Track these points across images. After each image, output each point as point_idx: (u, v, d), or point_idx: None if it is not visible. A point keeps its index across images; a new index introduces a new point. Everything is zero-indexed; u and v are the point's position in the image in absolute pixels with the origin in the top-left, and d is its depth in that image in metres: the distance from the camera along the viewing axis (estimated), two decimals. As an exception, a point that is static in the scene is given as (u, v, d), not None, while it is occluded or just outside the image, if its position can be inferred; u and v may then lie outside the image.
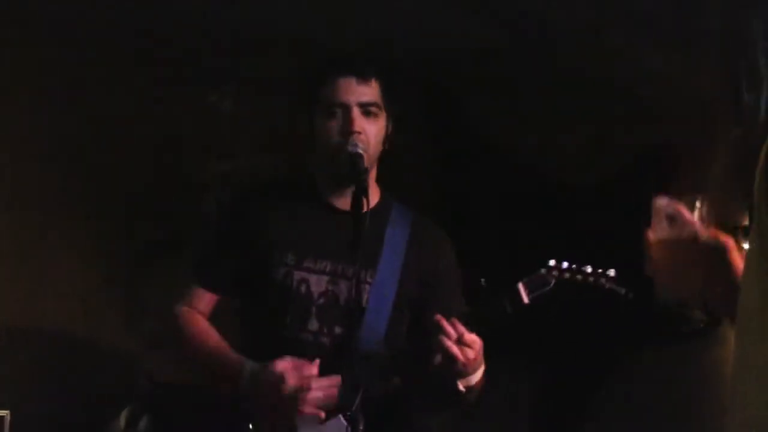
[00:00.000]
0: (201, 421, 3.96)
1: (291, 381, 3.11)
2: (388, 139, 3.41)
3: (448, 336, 3.06)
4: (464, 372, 3.14)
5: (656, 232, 2.36)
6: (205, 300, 3.43)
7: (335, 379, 3.13)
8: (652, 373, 4.84)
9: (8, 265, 4.66)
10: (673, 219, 2.35)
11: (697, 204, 2.36)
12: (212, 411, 3.40)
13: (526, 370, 4.70)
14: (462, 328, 3.07)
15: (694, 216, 2.35)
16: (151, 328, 4.71)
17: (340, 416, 3.15)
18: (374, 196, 3.38)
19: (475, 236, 3.52)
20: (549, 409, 4.94)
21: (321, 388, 3.12)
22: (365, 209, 3.07)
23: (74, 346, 4.75)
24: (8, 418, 4.11)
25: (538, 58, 4.69)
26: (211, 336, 3.38)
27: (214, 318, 3.51)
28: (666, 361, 4.82)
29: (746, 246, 4.63)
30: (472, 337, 3.08)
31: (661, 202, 2.37)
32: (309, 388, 3.10)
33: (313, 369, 3.14)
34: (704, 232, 2.33)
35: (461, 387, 3.15)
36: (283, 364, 3.15)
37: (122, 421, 4.53)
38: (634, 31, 4.63)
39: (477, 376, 3.18)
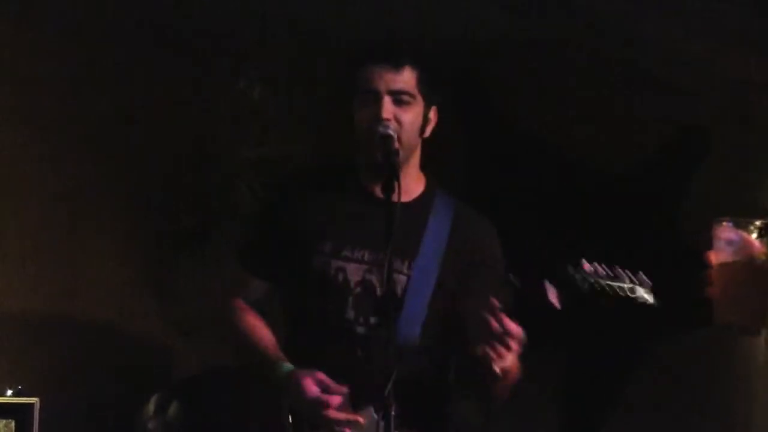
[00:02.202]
0: (233, 406, 3.99)
1: (314, 389, 3.14)
2: (428, 128, 3.35)
3: (495, 330, 3.00)
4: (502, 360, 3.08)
5: (717, 256, 2.34)
6: (259, 287, 3.43)
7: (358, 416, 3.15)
8: (681, 366, 4.81)
9: (40, 254, 4.68)
10: (732, 242, 2.33)
11: (757, 225, 2.33)
12: (246, 396, 3.38)
13: (552, 360, 4.67)
14: (508, 320, 3.00)
15: (753, 238, 2.33)
16: (187, 315, 4.78)
17: (371, 408, 3.14)
18: (418, 184, 3.37)
19: (509, 230, 3.46)
20: (576, 400, 4.93)
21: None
22: (397, 193, 3.03)
23: (104, 334, 4.74)
24: (38, 405, 4.10)
25: (575, 47, 4.65)
26: (259, 327, 3.39)
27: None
28: (685, 353, 4.78)
29: None
30: (516, 328, 3.01)
31: (722, 225, 2.35)
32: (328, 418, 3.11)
33: (336, 399, 3.14)
34: (764, 255, 2.31)
35: (497, 370, 3.10)
36: (310, 387, 3.15)
37: (151, 407, 4.56)
38: (668, 17, 4.59)
39: (511, 359, 3.09)
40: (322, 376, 3.16)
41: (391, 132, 3.17)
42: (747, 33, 4.63)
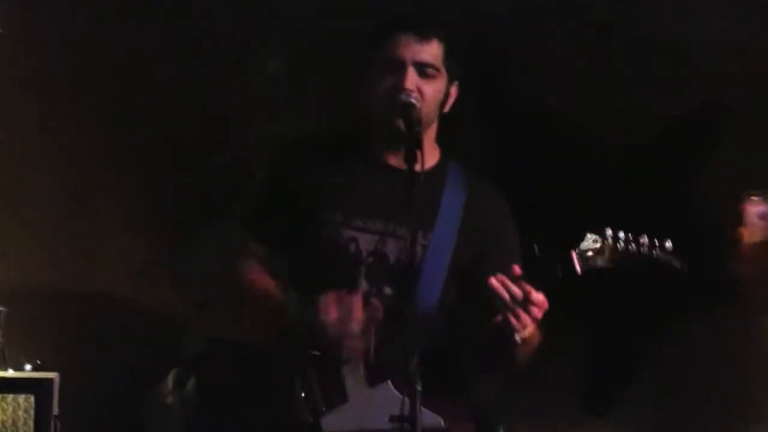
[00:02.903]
0: (248, 381, 3.98)
1: (333, 314, 3.09)
2: (448, 103, 3.33)
3: (515, 296, 2.99)
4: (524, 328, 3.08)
5: (750, 234, 2.31)
6: (261, 253, 3.39)
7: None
8: (697, 347, 4.77)
9: (56, 231, 4.70)
10: (765, 216, 2.29)
11: None
12: (261, 372, 3.35)
13: (573, 334, 4.65)
14: (529, 287, 3.00)
15: None
16: (200, 287, 4.74)
17: (389, 382, 3.12)
18: (433, 156, 3.32)
19: (529, 201, 3.44)
20: (596, 374, 4.90)
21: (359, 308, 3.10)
22: (419, 165, 2.98)
23: (121, 309, 4.76)
24: (57, 379, 4.11)
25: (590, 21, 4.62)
26: (262, 278, 3.35)
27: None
28: (711, 334, 4.75)
29: None
30: (539, 297, 3.01)
31: (751, 200, 2.31)
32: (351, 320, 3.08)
33: (356, 300, 3.11)
34: None
35: (518, 338, 3.09)
36: (327, 300, 3.11)
37: (170, 382, 4.56)
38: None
39: (531, 327, 3.10)
40: (338, 294, 3.12)
41: (413, 100, 3.14)
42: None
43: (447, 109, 3.33)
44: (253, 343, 3.51)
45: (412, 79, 3.19)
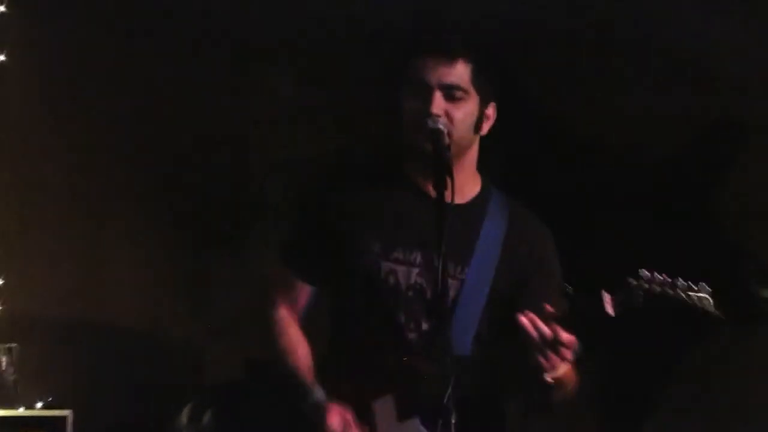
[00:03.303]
0: (266, 416, 3.88)
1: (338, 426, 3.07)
2: (485, 126, 3.20)
3: (544, 335, 2.89)
4: (554, 368, 2.97)
5: None
6: (299, 291, 3.28)
7: None
8: (725, 359, 4.70)
9: (68, 261, 4.59)
10: None
11: None
12: (279, 408, 3.27)
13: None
14: (557, 327, 2.90)
15: None
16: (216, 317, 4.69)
17: (418, 420, 3.03)
18: (474, 185, 3.22)
19: (566, 237, 3.35)
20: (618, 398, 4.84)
21: None
22: (451, 192, 2.90)
23: (136, 341, 4.65)
24: (71, 417, 4.01)
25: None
26: (299, 347, 3.26)
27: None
28: (740, 345, 4.68)
29: None
30: (569, 337, 2.91)
31: None
32: None
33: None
34: None
35: (549, 379, 2.99)
36: (334, 420, 3.07)
37: (185, 415, 4.47)
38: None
39: (564, 368, 3.01)
40: (349, 415, 3.07)
41: (440, 126, 3.02)
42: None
43: (485, 132, 3.20)
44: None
45: (439, 103, 3.07)
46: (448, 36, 3.22)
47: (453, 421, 2.71)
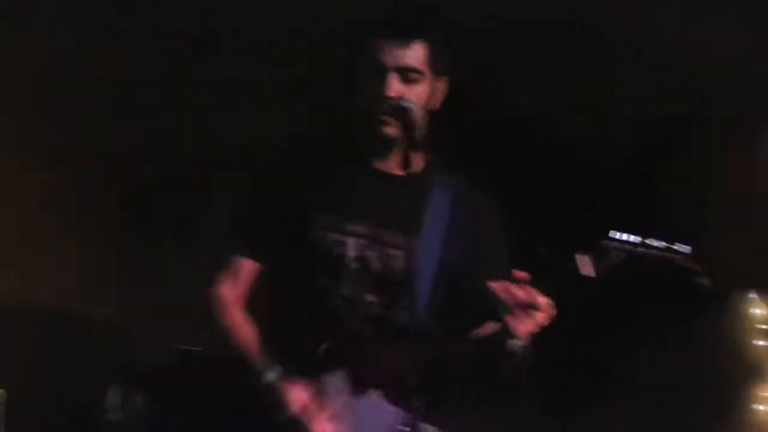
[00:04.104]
0: (221, 396, 3.86)
1: (302, 405, 2.98)
2: (437, 101, 3.16)
3: (520, 300, 2.83)
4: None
5: None
6: (248, 269, 3.20)
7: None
8: (660, 347, 4.78)
9: (0, 245, 4.52)
10: None
11: None
12: (236, 387, 3.23)
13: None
14: (534, 292, 2.83)
15: None
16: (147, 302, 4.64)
17: (379, 393, 2.98)
18: (420, 159, 3.17)
19: (530, 204, 3.36)
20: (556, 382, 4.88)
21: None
22: (411, 170, 2.91)
23: (68, 325, 4.61)
24: (4, 397, 3.96)
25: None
26: (244, 327, 3.16)
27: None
28: (674, 331, 4.76)
29: None
30: (545, 301, 2.84)
31: None
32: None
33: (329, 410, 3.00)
34: None
35: (515, 345, 2.89)
36: (301, 400, 2.99)
37: (115, 398, 4.44)
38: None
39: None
40: (308, 392, 3.00)
41: (410, 105, 2.98)
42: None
43: (438, 107, 3.18)
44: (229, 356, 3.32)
45: (395, 86, 3.04)
46: (404, 17, 3.21)
47: (422, 401, 2.70)
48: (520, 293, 2.84)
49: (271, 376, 3.02)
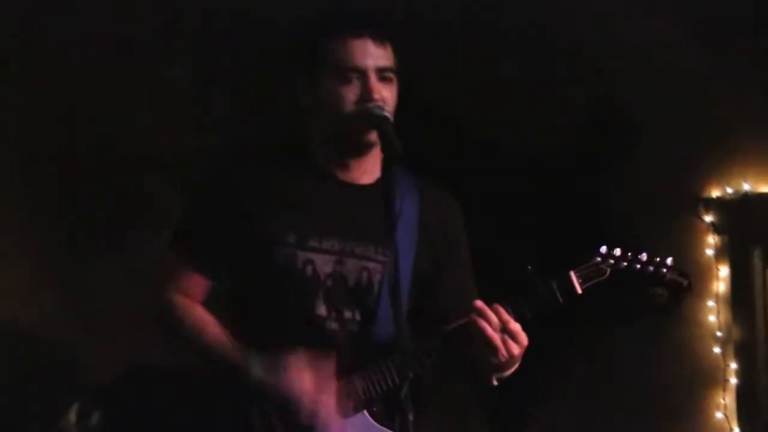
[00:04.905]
0: (184, 414, 3.74)
1: (308, 385, 2.87)
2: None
3: (490, 323, 2.83)
4: (502, 366, 2.89)
5: None
6: (199, 286, 3.06)
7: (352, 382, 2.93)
8: (617, 353, 4.78)
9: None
10: None
11: None
12: (202, 404, 3.11)
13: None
14: (506, 316, 2.82)
15: None
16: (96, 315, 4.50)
17: (365, 412, 2.91)
18: (377, 163, 3.07)
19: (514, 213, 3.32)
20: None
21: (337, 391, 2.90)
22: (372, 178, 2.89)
23: (17, 340, 4.45)
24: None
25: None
26: (210, 325, 3.03)
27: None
28: (630, 340, 4.76)
29: (707, 218, 4.68)
30: (516, 327, 2.84)
31: None
32: (328, 392, 2.87)
33: (331, 366, 2.89)
34: None
35: (495, 382, 2.93)
36: (298, 363, 2.89)
37: (73, 415, 4.33)
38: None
39: (510, 371, 2.93)
40: (311, 370, 2.89)
41: (387, 114, 2.92)
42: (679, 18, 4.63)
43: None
44: (191, 369, 3.16)
45: (377, 87, 2.96)
46: (374, 17, 3.15)
47: (410, 418, 2.63)
48: (493, 318, 2.81)
49: (256, 370, 2.90)
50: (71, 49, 4.51)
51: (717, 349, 4.79)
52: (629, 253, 2.92)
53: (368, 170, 3.03)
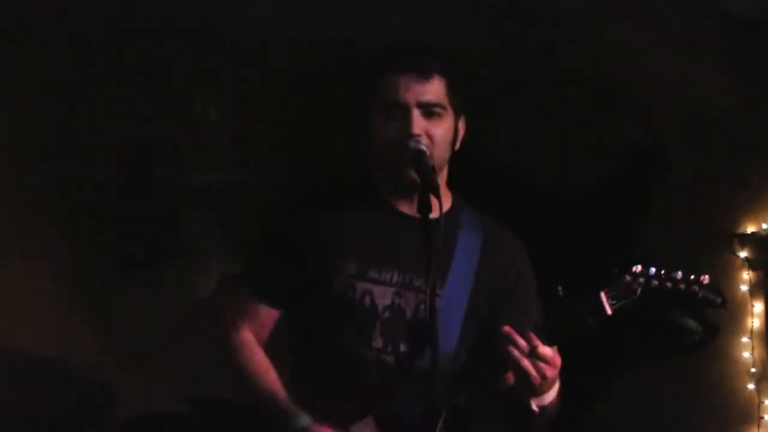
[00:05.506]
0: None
1: None
2: (458, 140, 3.09)
3: (520, 348, 2.81)
4: (537, 390, 2.86)
5: None
6: (265, 316, 3.08)
7: None
8: (651, 389, 4.75)
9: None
10: None
11: None
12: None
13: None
14: (536, 341, 2.79)
15: None
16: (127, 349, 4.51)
17: None
18: (446, 200, 3.05)
19: (548, 240, 3.29)
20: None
21: None
22: (437, 212, 2.80)
23: (46, 371, 4.44)
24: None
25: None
26: (266, 374, 3.05)
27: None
28: (665, 376, 4.74)
29: (742, 254, 4.69)
30: (546, 351, 2.80)
31: None
32: None
33: None
34: None
35: (534, 407, 2.91)
36: None
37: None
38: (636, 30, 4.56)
39: (552, 395, 2.91)
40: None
41: (423, 147, 2.92)
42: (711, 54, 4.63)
43: (458, 146, 3.11)
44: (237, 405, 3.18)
45: (419, 122, 2.96)
46: (420, 53, 3.13)
47: None
48: (522, 343, 2.79)
49: (303, 421, 2.90)
50: (110, 86, 4.52)
51: (751, 386, 4.77)
52: (662, 272, 2.87)
53: (428, 204, 2.94)
